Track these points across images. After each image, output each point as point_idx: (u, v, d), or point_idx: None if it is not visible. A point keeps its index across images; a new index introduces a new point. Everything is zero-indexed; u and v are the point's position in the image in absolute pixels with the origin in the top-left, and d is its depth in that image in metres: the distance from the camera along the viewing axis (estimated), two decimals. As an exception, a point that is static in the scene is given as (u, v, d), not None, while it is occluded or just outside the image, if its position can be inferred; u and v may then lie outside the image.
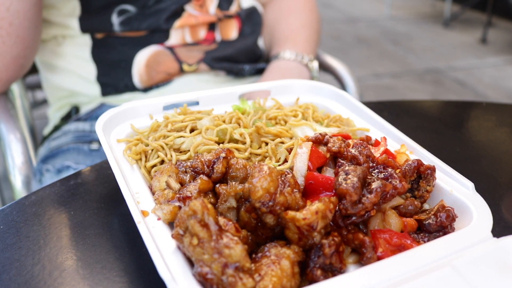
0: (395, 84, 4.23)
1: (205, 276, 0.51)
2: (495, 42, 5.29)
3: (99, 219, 0.73)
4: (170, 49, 1.29)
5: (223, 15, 1.36)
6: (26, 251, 0.66)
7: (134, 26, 1.26)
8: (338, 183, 0.60)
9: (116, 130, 0.82)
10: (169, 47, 1.29)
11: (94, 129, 1.28)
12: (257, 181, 0.57)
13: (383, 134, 0.83)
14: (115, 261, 0.65)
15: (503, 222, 0.74)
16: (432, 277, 0.53)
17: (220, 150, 0.68)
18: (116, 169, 0.68)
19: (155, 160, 0.74)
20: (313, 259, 0.56)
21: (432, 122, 1.12)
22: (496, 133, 1.06)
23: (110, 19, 1.24)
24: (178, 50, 1.30)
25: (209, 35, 1.35)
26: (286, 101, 0.95)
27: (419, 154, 0.76)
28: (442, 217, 0.63)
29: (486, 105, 1.22)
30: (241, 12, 1.42)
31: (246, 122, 0.83)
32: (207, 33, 1.34)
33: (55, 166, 1.22)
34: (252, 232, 0.60)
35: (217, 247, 0.51)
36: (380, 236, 0.60)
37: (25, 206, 0.76)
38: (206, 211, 0.53)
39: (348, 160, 0.67)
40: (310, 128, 0.81)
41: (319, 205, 0.56)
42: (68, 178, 0.83)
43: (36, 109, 1.65)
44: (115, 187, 0.66)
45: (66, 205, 0.76)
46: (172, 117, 0.83)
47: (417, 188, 0.69)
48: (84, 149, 1.23)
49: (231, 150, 0.69)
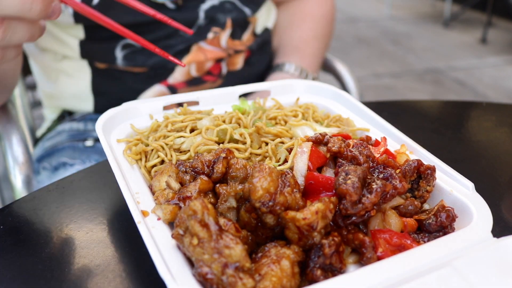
0: (395, 84, 4.23)
1: (205, 276, 0.51)
2: (495, 42, 5.29)
3: (99, 219, 0.73)
4: (173, 89, 1.27)
5: (233, 51, 1.31)
6: (26, 251, 0.66)
7: (138, 62, 1.22)
8: (338, 183, 0.60)
9: (116, 130, 0.82)
10: (172, 86, 1.27)
11: (88, 128, 1.28)
12: (257, 181, 0.57)
13: (383, 134, 0.83)
14: (115, 261, 0.65)
15: (503, 222, 0.74)
16: (432, 277, 0.53)
17: (220, 150, 0.68)
18: (116, 169, 0.68)
19: (155, 160, 0.74)
20: (313, 259, 0.56)
21: (432, 122, 1.12)
22: (496, 133, 1.06)
23: (113, 51, 1.20)
24: (181, 91, 1.27)
25: (216, 67, 1.31)
26: (286, 101, 0.95)
27: (419, 154, 0.76)
28: (442, 217, 0.63)
29: (486, 105, 1.22)
30: (253, 44, 1.36)
31: (246, 122, 0.83)
32: (213, 65, 1.30)
33: (51, 164, 1.22)
34: (252, 232, 0.60)
35: (217, 247, 0.51)
36: (380, 236, 0.60)
37: (25, 206, 0.76)
38: (206, 211, 0.53)
39: (348, 160, 0.67)
40: (310, 128, 0.81)
41: (319, 205, 0.56)
42: (68, 178, 0.83)
43: (36, 109, 1.65)
44: (115, 187, 0.66)
45: (66, 205, 0.76)
46: (172, 117, 0.83)
47: (417, 188, 0.69)
48: (79, 146, 1.23)
49: (231, 150, 0.69)
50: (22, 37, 0.72)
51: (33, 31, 0.73)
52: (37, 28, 0.74)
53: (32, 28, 0.73)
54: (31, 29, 0.72)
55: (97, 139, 1.24)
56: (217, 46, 1.29)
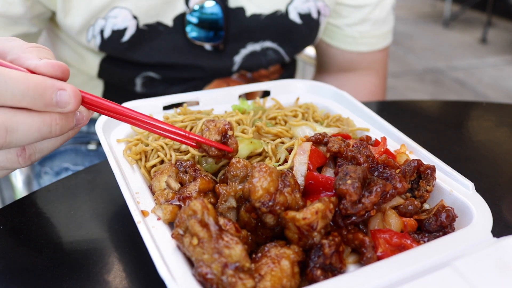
0: (395, 84, 4.23)
1: (205, 276, 0.51)
2: (495, 42, 5.29)
3: (99, 219, 0.73)
4: None
5: (258, 82, 1.27)
6: (26, 251, 0.66)
7: (158, 90, 1.17)
8: (338, 183, 0.60)
9: (116, 130, 0.82)
10: None
11: (91, 130, 1.27)
12: (257, 181, 0.57)
13: (383, 134, 0.83)
14: (115, 261, 0.65)
15: (503, 222, 0.74)
16: (432, 277, 0.53)
17: (223, 122, 0.68)
18: (116, 169, 0.68)
19: (155, 160, 0.74)
20: (313, 259, 0.56)
21: (432, 122, 1.12)
22: (496, 133, 1.06)
23: (134, 79, 1.16)
24: None
25: None
26: (286, 101, 0.95)
27: (419, 154, 0.76)
28: (442, 217, 0.63)
29: (486, 105, 1.22)
30: (278, 77, 1.32)
31: (246, 122, 0.83)
32: None
33: (53, 169, 1.22)
34: (252, 232, 0.60)
35: (217, 247, 0.51)
36: (380, 236, 0.60)
37: (25, 206, 0.76)
38: (206, 211, 0.53)
39: (348, 160, 0.67)
40: (310, 128, 0.81)
41: (319, 205, 0.56)
42: (68, 178, 0.83)
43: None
44: (115, 187, 0.66)
45: (66, 206, 0.76)
46: (172, 117, 0.83)
47: (417, 188, 0.69)
48: (81, 149, 1.23)
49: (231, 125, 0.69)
50: (54, 147, 0.63)
51: (65, 138, 0.63)
52: (68, 133, 0.62)
53: (62, 138, 0.62)
54: (62, 139, 0.63)
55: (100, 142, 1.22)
56: (242, 78, 1.26)
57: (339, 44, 1.32)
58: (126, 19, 1.02)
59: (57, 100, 0.53)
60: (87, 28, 1.03)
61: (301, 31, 1.20)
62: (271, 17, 1.14)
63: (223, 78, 1.22)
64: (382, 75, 1.39)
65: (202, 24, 1.08)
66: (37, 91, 0.52)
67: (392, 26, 1.34)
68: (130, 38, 1.05)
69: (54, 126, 0.55)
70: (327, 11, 1.23)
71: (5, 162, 0.58)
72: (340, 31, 1.29)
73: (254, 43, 1.17)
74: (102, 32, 1.04)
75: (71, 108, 0.55)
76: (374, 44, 1.31)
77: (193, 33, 1.09)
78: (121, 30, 1.03)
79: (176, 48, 1.10)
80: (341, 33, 1.30)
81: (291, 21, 1.16)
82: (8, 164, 0.59)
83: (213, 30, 1.10)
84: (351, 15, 1.26)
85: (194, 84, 1.20)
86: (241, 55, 1.18)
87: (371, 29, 1.28)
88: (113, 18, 1.02)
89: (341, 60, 1.35)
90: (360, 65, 1.35)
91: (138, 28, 1.04)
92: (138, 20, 1.04)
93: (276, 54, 1.22)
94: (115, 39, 1.05)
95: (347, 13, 1.26)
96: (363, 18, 1.26)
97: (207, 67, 1.15)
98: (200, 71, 1.16)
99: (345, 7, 1.25)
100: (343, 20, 1.27)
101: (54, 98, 0.53)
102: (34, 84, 0.51)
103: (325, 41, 1.34)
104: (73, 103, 0.54)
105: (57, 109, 0.54)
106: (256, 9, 1.12)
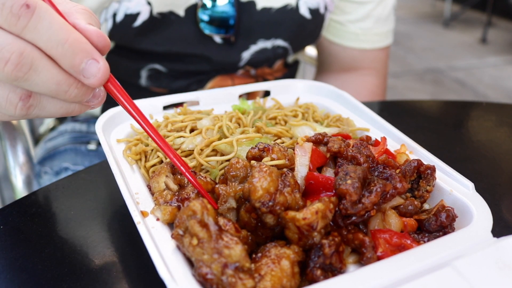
0: (395, 84, 4.23)
1: (205, 276, 0.51)
2: (495, 42, 5.29)
3: (99, 220, 0.73)
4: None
5: (262, 79, 1.29)
6: (26, 251, 0.66)
7: (163, 83, 1.18)
8: (338, 183, 0.60)
9: (116, 130, 0.82)
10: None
11: (91, 129, 1.27)
12: (257, 181, 0.57)
13: (383, 134, 0.82)
14: (115, 261, 0.65)
15: (503, 222, 0.74)
16: (432, 277, 0.53)
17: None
18: (115, 170, 0.68)
19: (155, 160, 0.74)
20: (313, 259, 0.56)
21: (432, 122, 1.12)
22: (496, 133, 1.06)
23: (139, 71, 1.16)
24: None
25: None
26: (286, 101, 0.95)
27: (419, 154, 0.76)
28: (442, 217, 0.63)
29: (486, 105, 1.22)
30: (281, 76, 1.33)
31: (246, 122, 0.83)
32: None
33: (53, 169, 1.21)
34: (252, 232, 0.60)
35: (217, 247, 0.51)
36: (380, 236, 0.60)
37: (25, 206, 0.76)
38: (205, 211, 0.53)
39: (348, 160, 0.67)
40: (310, 128, 0.81)
41: (319, 205, 0.56)
42: (68, 178, 0.83)
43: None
44: (115, 187, 0.66)
45: (66, 206, 0.76)
46: (172, 117, 0.83)
47: (417, 188, 0.69)
48: (81, 149, 1.22)
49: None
50: (53, 114, 0.57)
51: (70, 109, 0.58)
52: (76, 106, 0.58)
53: (69, 106, 0.57)
54: (67, 107, 0.57)
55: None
56: (246, 75, 1.26)
57: (341, 41, 1.32)
58: (140, 3, 1.03)
59: (84, 68, 0.51)
60: (100, 11, 1.04)
61: (309, 27, 1.21)
62: (282, 10, 1.14)
63: (227, 74, 1.22)
64: (382, 75, 1.39)
65: (213, 22, 1.10)
66: (72, 48, 0.50)
67: (393, 27, 1.35)
68: (142, 24, 1.05)
69: (73, 89, 0.53)
70: (332, 7, 1.24)
71: (4, 101, 0.53)
72: (343, 28, 1.30)
73: (265, 40, 1.17)
74: (114, 16, 1.04)
75: (92, 82, 0.52)
76: (376, 42, 1.32)
77: (205, 31, 1.11)
78: (134, 15, 1.04)
79: (187, 38, 1.11)
80: (344, 30, 1.30)
81: (301, 15, 1.17)
82: (4, 103, 0.53)
83: (224, 28, 1.11)
84: (354, 12, 1.27)
85: (199, 78, 1.20)
86: (251, 51, 1.18)
87: (373, 26, 1.29)
88: (127, 1, 1.03)
89: (343, 58, 1.36)
90: (362, 64, 1.35)
91: (152, 16, 1.05)
92: (152, 7, 1.04)
93: (283, 50, 1.23)
94: (127, 24, 1.05)
95: (350, 9, 1.27)
96: (366, 15, 1.27)
97: (214, 59, 1.15)
98: (206, 64, 1.16)
99: (349, 3, 1.26)
100: (346, 17, 1.28)
101: (83, 64, 0.51)
102: (73, 40, 0.50)
103: (327, 39, 1.35)
104: (98, 79, 0.52)
105: (79, 75, 0.52)
106: (266, 3, 1.13)
